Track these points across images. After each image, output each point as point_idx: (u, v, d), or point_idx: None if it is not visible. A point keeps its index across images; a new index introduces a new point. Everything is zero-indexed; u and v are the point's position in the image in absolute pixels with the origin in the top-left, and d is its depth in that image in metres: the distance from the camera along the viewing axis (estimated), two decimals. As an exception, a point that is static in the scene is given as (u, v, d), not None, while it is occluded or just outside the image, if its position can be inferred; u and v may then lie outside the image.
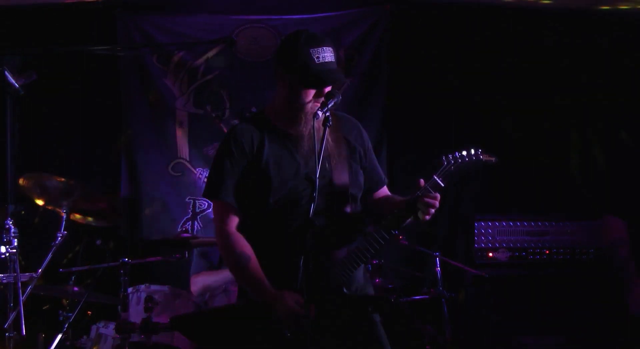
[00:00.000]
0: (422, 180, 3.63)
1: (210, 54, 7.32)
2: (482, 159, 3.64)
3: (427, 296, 6.07)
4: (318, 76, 3.60)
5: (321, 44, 3.64)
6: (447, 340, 5.89)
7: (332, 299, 3.58)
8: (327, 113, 3.56)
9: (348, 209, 3.74)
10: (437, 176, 3.60)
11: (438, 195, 3.57)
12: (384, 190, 4.04)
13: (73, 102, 7.17)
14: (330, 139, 3.64)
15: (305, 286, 3.34)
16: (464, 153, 3.63)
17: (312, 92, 3.63)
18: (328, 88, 3.65)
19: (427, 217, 3.59)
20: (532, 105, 7.24)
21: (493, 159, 3.65)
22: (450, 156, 3.63)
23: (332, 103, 3.59)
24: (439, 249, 6.28)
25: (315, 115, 3.55)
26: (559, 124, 7.19)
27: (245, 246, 3.67)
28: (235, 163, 3.70)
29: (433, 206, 3.57)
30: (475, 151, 3.65)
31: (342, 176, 3.74)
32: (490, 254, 6.30)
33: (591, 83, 7.10)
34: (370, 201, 3.96)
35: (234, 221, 3.72)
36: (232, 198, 3.69)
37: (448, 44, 7.34)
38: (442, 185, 3.61)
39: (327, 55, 3.62)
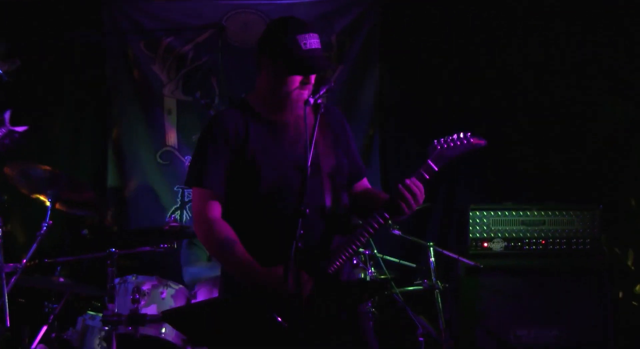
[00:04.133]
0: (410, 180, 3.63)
1: (199, 39, 7.30)
2: (472, 142, 3.66)
3: (420, 287, 6.07)
4: (304, 62, 3.59)
5: (307, 30, 3.63)
6: (441, 332, 5.89)
7: (327, 286, 3.57)
8: (319, 100, 3.57)
9: (336, 197, 3.74)
10: (430, 161, 3.62)
11: (417, 191, 3.57)
12: (364, 182, 4.03)
13: (58, 89, 7.15)
14: (316, 127, 3.63)
15: (295, 274, 3.32)
16: (454, 137, 3.66)
17: (298, 78, 3.62)
18: (314, 76, 3.66)
19: (407, 212, 3.61)
20: (528, 91, 7.25)
21: (482, 142, 3.69)
22: (442, 140, 3.66)
23: (324, 89, 3.59)
24: (432, 239, 6.29)
25: (307, 102, 3.54)
26: (555, 110, 7.19)
27: (229, 230, 3.61)
28: (219, 150, 3.66)
29: (409, 203, 3.57)
30: (464, 134, 3.67)
31: (328, 163, 3.74)
32: (485, 244, 6.28)
33: (588, 67, 7.11)
34: (353, 195, 3.95)
35: (216, 209, 3.66)
36: (215, 184, 3.65)
37: (441, 31, 7.34)
38: (436, 169, 3.62)
39: (313, 41, 3.61)
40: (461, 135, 3.68)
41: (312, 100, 3.54)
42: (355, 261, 5.79)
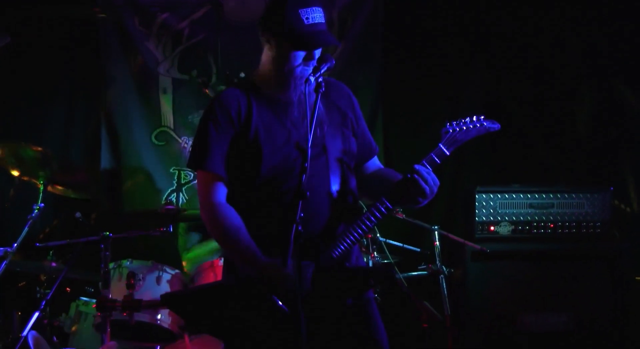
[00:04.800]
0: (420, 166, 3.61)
1: (196, 16, 7.26)
2: (485, 125, 3.70)
3: (425, 272, 6.06)
4: (308, 37, 3.56)
5: (310, 4, 3.59)
6: (446, 318, 5.88)
7: (330, 272, 3.56)
8: (320, 79, 3.53)
9: (342, 179, 3.72)
10: (442, 145, 3.61)
11: (429, 178, 3.56)
12: (375, 161, 4.02)
13: (50, 67, 7.12)
14: (321, 105, 3.61)
15: (295, 260, 3.30)
16: (467, 120, 3.70)
17: (302, 54, 3.59)
18: (318, 51, 3.63)
19: (421, 201, 3.59)
20: (537, 68, 7.21)
21: (497, 126, 3.74)
22: (455, 123, 3.68)
23: (325, 68, 3.57)
24: (437, 222, 6.27)
25: (308, 80, 3.52)
26: (564, 88, 7.16)
27: (234, 216, 3.62)
28: (221, 130, 3.66)
29: (423, 190, 3.55)
30: (477, 117, 3.71)
31: (335, 144, 3.72)
32: (492, 228, 6.26)
33: (597, 44, 7.07)
34: (362, 175, 3.93)
35: (222, 192, 3.68)
36: (219, 167, 3.65)
37: (446, 8, 7.31)
38: (447, 153, 3.63)
39: (316, 15, 3.58)
40: (474, 118, 3.69)
41: (312, 79, 3.53)
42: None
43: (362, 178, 3.92)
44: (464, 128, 3.67)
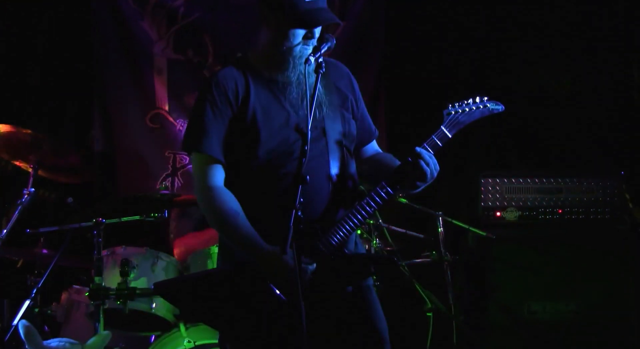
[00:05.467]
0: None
1: (192, -7, 7.25)
2: (489, 107, 3.69)
3: (428, 260, 6.06)
4: (307, 15, 3.54)
5: None
6: (450, 307, 5.88)
7: (330, 259, 3.55)
8: (320, 59, 3.51)
9: (342, 163, 3.70)
10: (444, 127, 3.61)
11: (430, 162, 3.54)
12: (374, 145, 4.03)
13: (41, 47, 7.09)
14: (320, 87, 3.60)
15: (294, 246, 3.29)
16: (470, 101, 3.71)
17: (301, 33, 3.58)
18: (318, 30, 3.60)
19: (420, 185, 3.57)
20: (544, 47, 7.18)
21: (500, 107, 3.74)
22: (457, 104, 3.69)
23: (326, 47, 3.55)
24: (441, 208, 6.26)
25: (307, 61, 3.49)
26: (573, 68, 7.13)
27: (232, 201, 3.61)
28: (218, 111, 3.64)
29: (425, 173, 3.53)
30: (480, 99, 3.71)
31: (334, 126, 3.70)
32: (498, 213, 6.24)
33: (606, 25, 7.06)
34: (360, 158, 3.92)
35: (219, 175, 3.66)
36: (216, 149, 3.63)
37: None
38: (450, 136, 3.64)
39: None
40: (477, 99, 3.69)
41: (312, 59, 3.50)
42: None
43: (361, 162, 3.91)
44: (467, 109, 3.68)
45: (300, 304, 3.17)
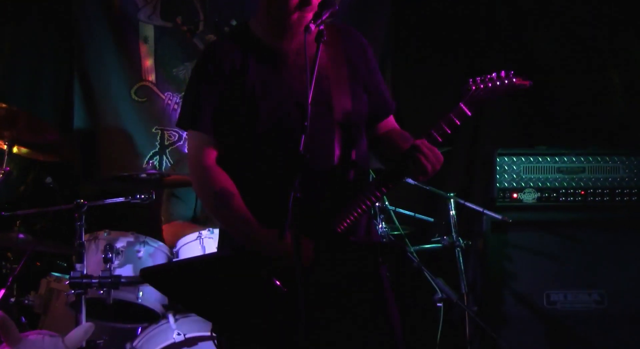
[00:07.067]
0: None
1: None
2: (515, 82, 3.62)
3: (439, 245, 6.06)
4: None
5: None
6: (463, 296, 5.88)
7: (334, 247, 3.53)
8: (321, 27, 3.46)
9: (349, 142, 3.67)
10: (463, 104, 3.57)
11: (436, 151, 3.51)
12: (391, 121, 3.95)
13: (17, 13, 7.04)
14: (326, 57, 3.56)
15: (293, 231, 3.26)
16: (494, 75, 3.62)
17: None
18: None
19: (421, 177, 3.56)
20: (567, 12, 7.15)
21: (527, 83, 3.65)
22: (479, 79, 3.62)
23: (328, 13, 3.49)
24: (453, 189, 6.25)
25: (307, 28, 3.46)
26: (598, 34, 7.10)
27: (227, 181, 3.59)
28: (213, 86, 3.62)
29: (426, 167, 3.51)
30: (506, 74, 3.63)
31: (342, 101, 3.65)
32: (515, 195, 6.26)
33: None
34: (373, 135, 3.88)
35: (213, 154, 3.65)
36: (211, 127, 3.63)
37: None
38: (469, 113, 3.58)
39: None
40: (502, 73, 3.62)
41: (313, 27, 3.46)
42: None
43: (373, 139, 3.87)
44: (490, 85, 3.60)
45: (300, 292, 3.15)
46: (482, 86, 3.59)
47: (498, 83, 3.60)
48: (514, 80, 3.62)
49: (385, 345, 3.69)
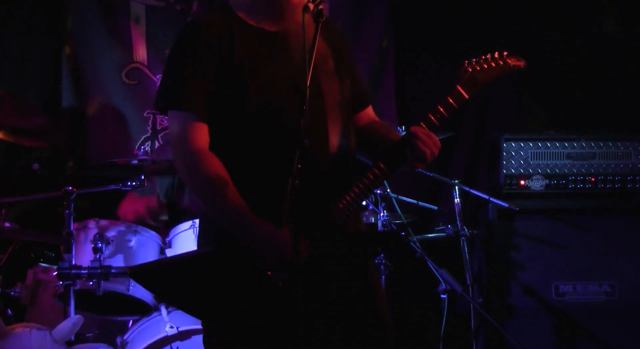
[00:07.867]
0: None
1: None
2: (509, 63, 3.68)
3: (443, 234, 6.04)
4: None
5: None
6: (467, 287, 5.88)
7: (331, 237, 3.51)
8: (320, 6, 3.44)
9: (342, 128, 3.65)
10: (460, 87, 3.56)
11: (434, 136, 3.50)
12: (369, 112, 3.96)
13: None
14: (321, 38, 3.54)
15: (291, 220, 3.24)
16: (488, 57, 3.67)
17: None
18: None
19: (420, 164, 3.54)
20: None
21: (522, 63, 3.71)
22: (474, 61, 3.65)
23: (325, -7, 3.48)
24: (458, 176, 6.24)
25: (306, 7, 3.42)
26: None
27: (219, 167, 3.49)
28: (199, 63, 3.53)
29: (424, 153, 3.49)
30: (500, 54, 3.68)
31: (332, 86, 3.64)
32: (522, 182, 6.26)
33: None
34: (356, 128, 3.86)
35: (202, 137, 3.55)
36: (199, 106, 3.53)
37: None
38: (467, 96, 3.59)
39: None
40: (496, 55, 3.68)
41: (312, 6, 3.43)
42: (363, 203, 5.75)
43: (355, 131, 3.85)
44: (485, 66, 3.63)
45: (297, 287, 3.13)
46: (477, 68, 3.63)
47: (493, 64, 3.65)
48: (509, 61, 3.68)
49: (376, 338, 3.67)
